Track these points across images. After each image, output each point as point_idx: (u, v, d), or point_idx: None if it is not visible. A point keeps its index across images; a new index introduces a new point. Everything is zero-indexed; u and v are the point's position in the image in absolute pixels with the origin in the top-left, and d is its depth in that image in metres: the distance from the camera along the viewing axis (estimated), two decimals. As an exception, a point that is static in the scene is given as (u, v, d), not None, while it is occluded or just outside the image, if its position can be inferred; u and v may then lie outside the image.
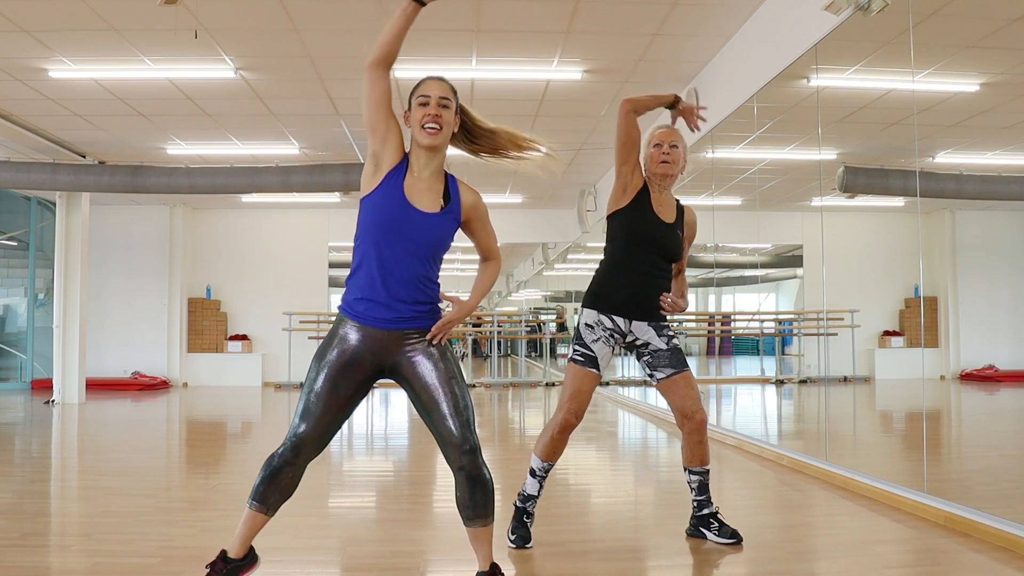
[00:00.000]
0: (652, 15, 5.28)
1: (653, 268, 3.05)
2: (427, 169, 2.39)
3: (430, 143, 2.36)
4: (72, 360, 9.41)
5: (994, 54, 4.27)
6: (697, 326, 10.77)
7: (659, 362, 3.06)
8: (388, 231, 2.31)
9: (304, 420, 2.31)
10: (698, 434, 3.05)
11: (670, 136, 3.13)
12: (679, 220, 3.14)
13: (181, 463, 5.42)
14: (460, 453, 2.33)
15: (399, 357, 2.36)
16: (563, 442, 3.09)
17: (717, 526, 3.08)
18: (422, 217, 2.33)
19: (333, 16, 5.21)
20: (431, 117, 2.36)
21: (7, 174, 8.27)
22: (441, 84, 2.44)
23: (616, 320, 3.05)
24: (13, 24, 5.28)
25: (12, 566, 2.78)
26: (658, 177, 3.11)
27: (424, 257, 2.35)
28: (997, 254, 5.71)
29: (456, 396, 2.34)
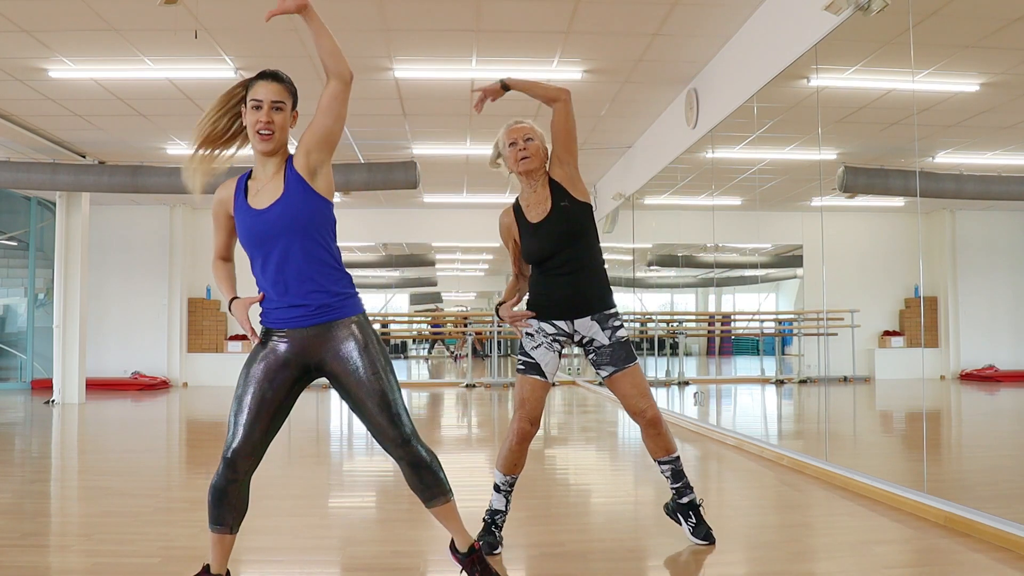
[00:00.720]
0: (652, 15, 5.28)
1: (561, 266, 2.96)
2: (267, 167, 2.39)
3: (263, 149, 2.35)
4: (72, 360, 9.41)
5: (994, 54, 4.27)
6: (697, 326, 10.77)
7: (602, 359, 2.98)
8: (254, 242, 2.33)
9: (235, 435, 2.31)
10: (654, 428, 2.98)
11: (522, 131, 3.02)
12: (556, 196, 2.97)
13: (181, 463, 5.42)
14: (395, 446, 2.34)
15: (323, 354, 2.34)
16: (522, 453, 3.00)
17: (694, 522, 3.05)
18: (266, 213, 2.32)
19: (333, 16, 5.21)
20: (263, 124, 2.33)
21: (7, 174, 8.27)
22: (275, 86, 2.36)
23: (557, 324, 2.99)
24: (13, 24, 5.27)
25: (12, 566, 2.78)
26: (523, 175, 3.02)
27: (299, 244, 2.31)
28: (997, 254, 5.70)
29: (380, 391, 2.31)
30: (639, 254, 9.87)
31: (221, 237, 2.49)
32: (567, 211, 2.96)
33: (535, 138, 3.02)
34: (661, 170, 7.80)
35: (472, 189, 11.21)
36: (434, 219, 12.80)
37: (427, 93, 6.85)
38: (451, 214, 12.77)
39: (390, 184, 8.35)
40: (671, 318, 10.39)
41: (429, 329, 18.05)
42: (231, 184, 2.44)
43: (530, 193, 3.04)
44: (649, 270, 10.28)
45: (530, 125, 3.06)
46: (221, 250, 2.51)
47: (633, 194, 9.01)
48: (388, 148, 8.85)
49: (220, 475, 2.31)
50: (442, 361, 21.57)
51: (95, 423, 7.61)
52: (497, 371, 12.78)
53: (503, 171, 3.14)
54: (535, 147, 3.01)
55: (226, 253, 2.52)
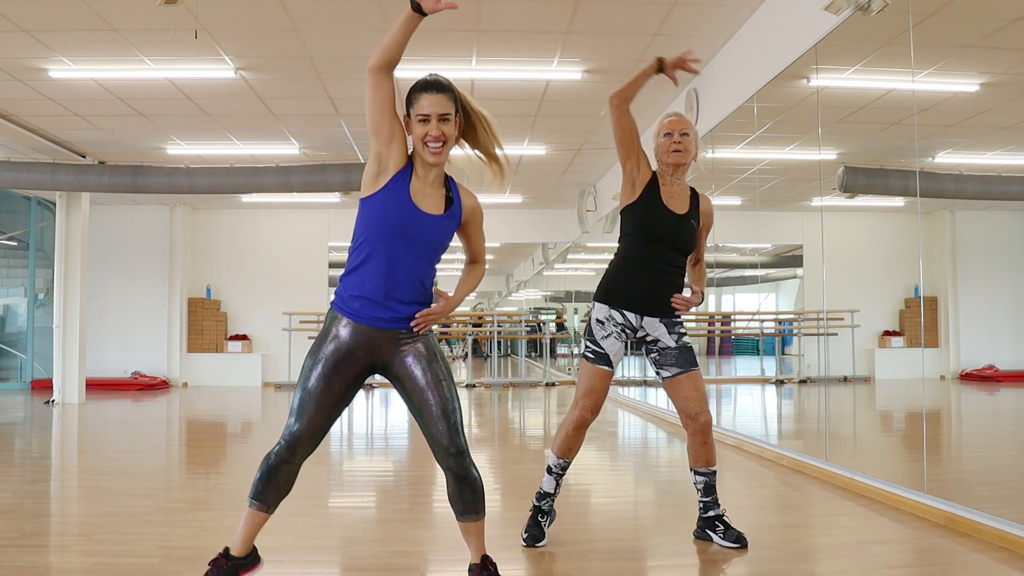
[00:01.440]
0: (652, 15, 5.28)
1: (665, 263, 3.02)
2: (430, 174, 2.41)
3: (435, 161, 2.37)
4: (72, 360, 9.41)
5: (994, 54, 4.27)
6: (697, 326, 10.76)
7: (666, 360, 3.04)
8: (396, 234, 2.33)
9: (299, 418, 2.34)
10: (702, 435, 3.04)
11: (680, 124, 3.09)
12: (693, 210, 3.09)
13: (181, 463, 5.42)
14: (447, 455, 2.37)
15: (392, 356, 2.38)
16: (579, 439, 3.08)
17: (723, 529, 3.07)
18: (428, 219, 2.36)
19: (333, 16, 5.21)
20: (433, 137, 2.34)
21: (7, 174, 8.27)
22: (439, 99, 2.36)
23: (627, 315, 3.03)
24: (13, 24, 5.28)
25: (12, 566, 2.78)
26: (670, 167, 3.08)
27: (426, 258, 2.38)
28: (997, 254, 5.71)
29: (445, 399, 2.36)
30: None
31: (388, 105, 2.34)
32: (695, 226, 3.09)
33: (691, 134, 3.10)
34: (661, 170, 7.79)
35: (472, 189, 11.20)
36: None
37: (427, 93, 6.83)
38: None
39: (390, 184, 8.33)
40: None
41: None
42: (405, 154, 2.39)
43: (669, 183, 3.10)
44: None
45: (689, 120, 3.13)
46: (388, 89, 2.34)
47: (633, 194, 8.99)
48: (388, 148, 8.83)
49: (277, 455, 2.36)
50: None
51: (95, 423, 7.61)
52: (497, 371, 12.78)
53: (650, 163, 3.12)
54: (689, 142, 3.08)
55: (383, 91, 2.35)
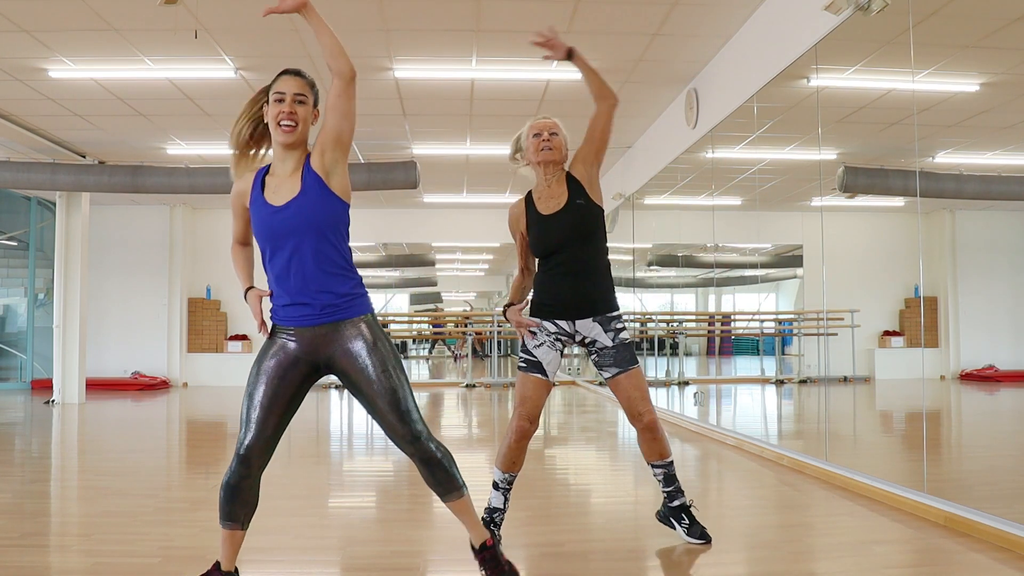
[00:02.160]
0: (652, 15, 5.27)
1: (569, 263, 2.98)
2: (287, 163, 2.40)
3: (285, 140, 2.37)
4: (72, 360, 9.41)
5: (994, 54, 4.27)
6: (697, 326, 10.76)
7: (605, 360, 2.99)
8: (267, 238, 2.36)
9: (248, 430, 2.34)
10: (650, 432, 3.01)
11: (549, 125, 3.08)
12: (573, 191, 3.00)
13: (181, 463, 5.42)
14: (405, 443, 2.37)
15: (332, 351, 2.37)
16: (521, 451, 3.02)
17: (688, 523, 3.06)
18: (283, 210, 2.33)
19: (333, 16, 5.19)
20: (286, 114, 2.36)
21: (7, 174, 8.27)
22: (297, 80, 2.41)
23: (559, 324, 3.00)
24: (13, 24, 5.28)
25: (12, 566, 2.78)
26: (541, 165, 3.04)
27: (312, 242, 2.33)
28: (997, 254, 5.70)
29: (390, 388, 2.34)
30: (639, 254, 9.86)
31: (239, 225, 2.56)
32: (581, 208, 2.98)
33: (559, 134, 3.09)
34: (661, 170, 7.80)
35: (472, 189, 11.21)
36: (434, 219, 12.80)
37: (427, 93, 6.85)
38: (451, 214, 12.76)
39: (390, 184, 8.35)
40: (671, 318, 10.39)
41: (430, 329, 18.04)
42: (249, 177, 2.47)
43: (544, 187, 3.07)
44: (649, 270, 10.28)
45: (555, 121, 3.12)
46: (239, 236, 2.59)
47: (633, 194, 9.01)
48: (388, 148, 8.85)
49: (233, 472, 2.35)
50: (442, 361, 21.58)
51: (95, 423, 7.61)
52: (497, 371, 12.78)
53: (519, 166, 3.16)
54: (558, 141, 3.07)
55: (244, 239, 2.60)
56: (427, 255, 16.00)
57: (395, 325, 17.16)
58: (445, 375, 15.87)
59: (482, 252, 17.55)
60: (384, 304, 19.73)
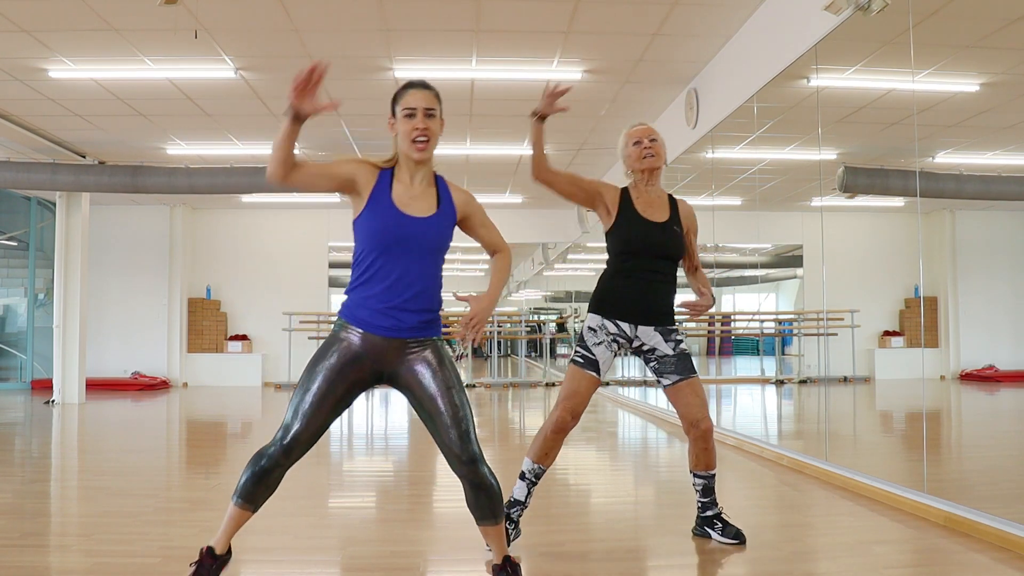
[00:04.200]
0: (652, 15, 5.27)
1: (654, 272, 3.03)
2: (417, 176, 2.42)
3: (420, 157, 2.38)
4: (72, 360, 9.41)
5: (994, 54, 4.27)
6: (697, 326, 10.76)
7: (665, 368, 3.04)
8: (388, 244, 2.33)
9: (298, 420, 2.32)
10: (703, 441, 3.04)
11: (648, 131, 3.12)
12: (674, 215, 3.10)
13: (181, 463, 5.42)
14: (460, 463, 2.37)
15: (399, 366, 2.38)
16: (557, 444, 3.06)
17: (721, 526, 3.09)
18: (418, 223, 2.35)
19: (333, 16, 5.21)
20: (419, 131, 2.36)
21: (7, 174, 8.27)
22: (425, 93, 2.41)
23: (621, 325, 3.03)
24: (13, 24, 5.28)
25: (12, 566, 2.78)
26: (644, 174, 3.08)
27: (426, 263, 2.37)
28: (997, 254, 5.71)
29: (455, 406, 2.35)
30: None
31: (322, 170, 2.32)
32: (679, 234, 3.08)
33: (658, 139, 3.12)
34: (661, 170, 7.79)
35: (472, 189, 11.11)
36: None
37: (427, 93, 6.83)
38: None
39: (390, 184, 8.33)
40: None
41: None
42: (374, 169, 2.41)
43: (644, 192, 3.10)
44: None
45: (653, 128, 3.15)
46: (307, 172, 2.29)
47: (633, 194, 8.99)
48: (388, 148, 8.81)
49: (272, 458, 2.33)
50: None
51: (95, 423, 7.61)
52: (497, 371, 12.78)
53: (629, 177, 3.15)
54: (658, 147, 3.10)
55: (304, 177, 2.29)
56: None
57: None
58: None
59: (482, 252, 17.51)
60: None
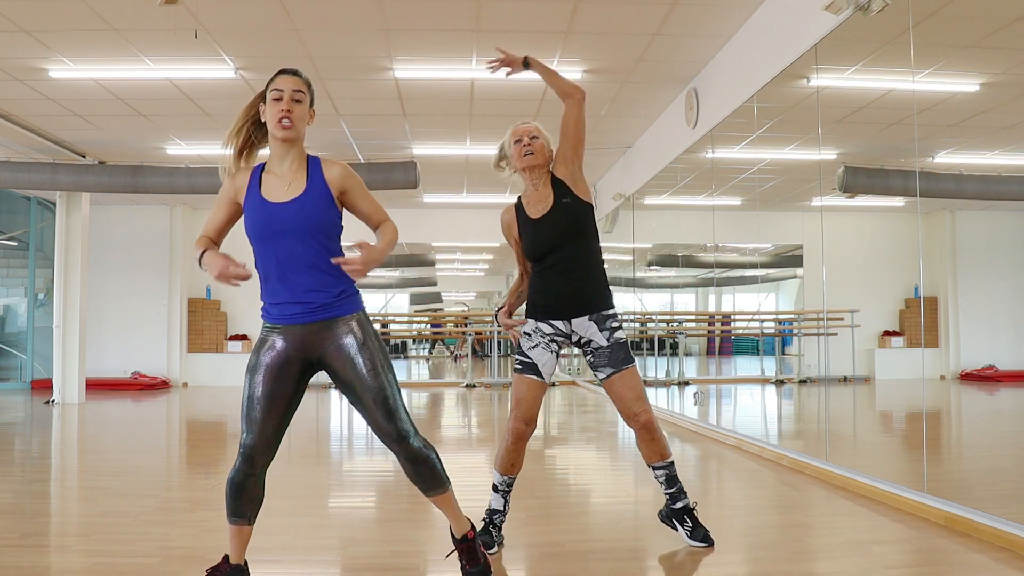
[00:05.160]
0: (652, 15, 5.28)
1: (559, 264, 2.98)
2: (285, 162, 2.43)
3: (284, 136, 2.40)
4: (72, 360, 9.41)
5: (994, 54, 4.27)
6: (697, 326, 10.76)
7: (599, 361, 2.99)
8: (262, 235, 2.37)
9: (249, 430, 2.36)
10: (647, 433, 3.00)
11: (528, 130, 3.12)
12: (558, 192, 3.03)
13: (181, 463, 5.42)
14: (391, 441, 2.41)
15: (323, 348, 2.39)
16: (519, 453, 3.03)
17: (691, 526, 3.04)
18: (286, 208, 2.36)
19: (333, 16, 5.21)
20: (284, 112, 2.39)
21: (7, 174, 8.27)
22: (294, 79, 2.45)
23: (555, 324, 3.01)
24: (13, 24, 5.28)
25: (12, 566, 2.78)
26: (526, 171, 3.06)
27: (305, 245, 2.35)
28: (997, 254, 5.70)
29: (378, 387, 2.37)
30: (639, 254, 9.87)
31: (218, 218, 2.49)
32: (568, 207, 3.00)
33: (540, 137, 3.11)
34: (661, 170, 7.80)
35: (472, 189, 11.21)
36: (434, 219, 12.81)
37: (427, 93, 6.84)
38: (451, 214, 12.77)
39: (390, 184, 8.35)
40: (671, 318, 10.39)
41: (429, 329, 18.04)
42: (245, 172, 2.48)
43: (532, 191, 3.09)
44: (649, 270, 10.28)
45: (536, 125, 3.15)
46: (212, 231, 2.47)
47: (633, 194, 9.01)
48: (388, 148, 8.85)
49: (237, 470, 2.37)
50: (442, 361, 21.58)
51: (95, 423, 7.61)
52: (497, 371, 12.78)
53: (505, 173, 3.19)
54: (539, 145, 3.09)
55: (216, 235, 2.49)
56: (427, 255, 16.00)
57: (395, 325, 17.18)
58: (445, 375, 15.87)
59: (482, 252, 17.54)
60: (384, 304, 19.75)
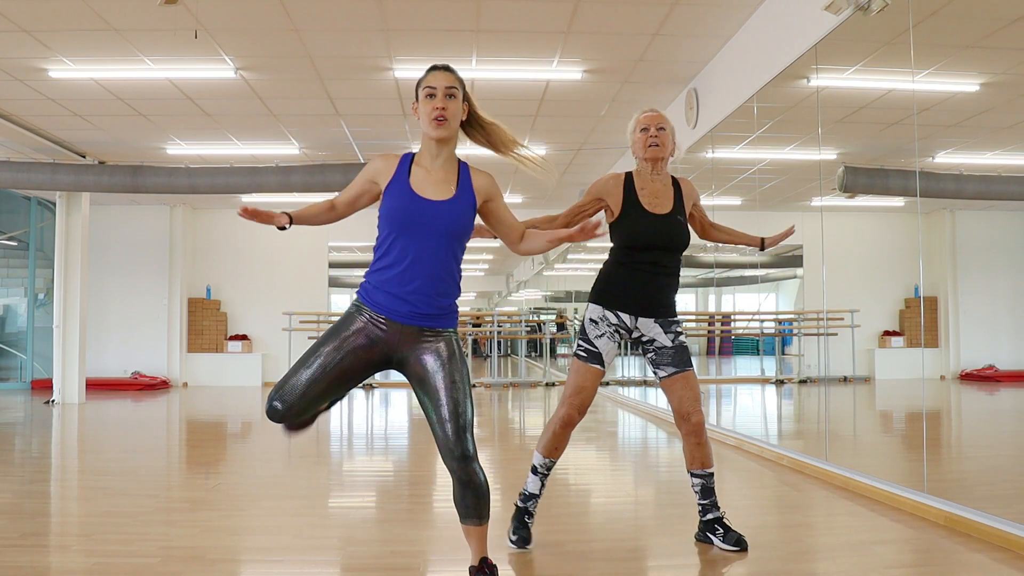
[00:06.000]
0: (652, 15, 5.27)
1: (657, 265, 3.02)
2: (438, 160, 2.43)
3: (438, 135, 2.39)
4: (72, 360, 9.41)
5: (994, 54, 4.27)
6: (697, 326, 10.76)
7: (662, 360, 3.03)
8: (404, 224, 2.34)
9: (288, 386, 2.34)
10: (695, 436, 3.01)
11: (656, 119, 3.06)
12: (678, 203, 3.07)
13: (181, 463, 5.42)
14: (452, 458, 2.34)
15: (409, 352, 2.38)
16: (565, 438, 3.07)
17: (722, 532, 3.05)
18: (434, 206, 2.35)
19: (333, 16, 5.21)
20: (439, 110, 2.37)
21: (7, 174, 8.27)
22: (447, 75, 2.44)
23: (622, 316, 3.03)
24: (13, 24, 5.27)
25: (12, 566, 2.78)
26: (648, 163, 3.06)
27: (443, 247, 2.37)
28: (997, 254, 5.71)
29: (456, 401, 2.34)
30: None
31: (349, 193, 2.47)
32: (682, 224, 3.07)
33: (667, 128, 3.07)
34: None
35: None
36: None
37: (427, 93, 6.83)
38: (451, 214, 12.74)
39: (390, 184, 8.33)
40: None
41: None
42: (394, 158, 2.45)
43: (650, 181, 3.07)
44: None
45: (663, 115, 3.11)
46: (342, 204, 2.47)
47: (633, 194, 8.99)
48: (388, 148, 8.85)
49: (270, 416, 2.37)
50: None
51: (95, 423, 7.61)
52: (497, 371, 12.78)
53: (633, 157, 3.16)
54: (665, 137, 3.06)
55: (345, 208, 2.48)
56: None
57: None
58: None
59: (482, 252, 17.54)
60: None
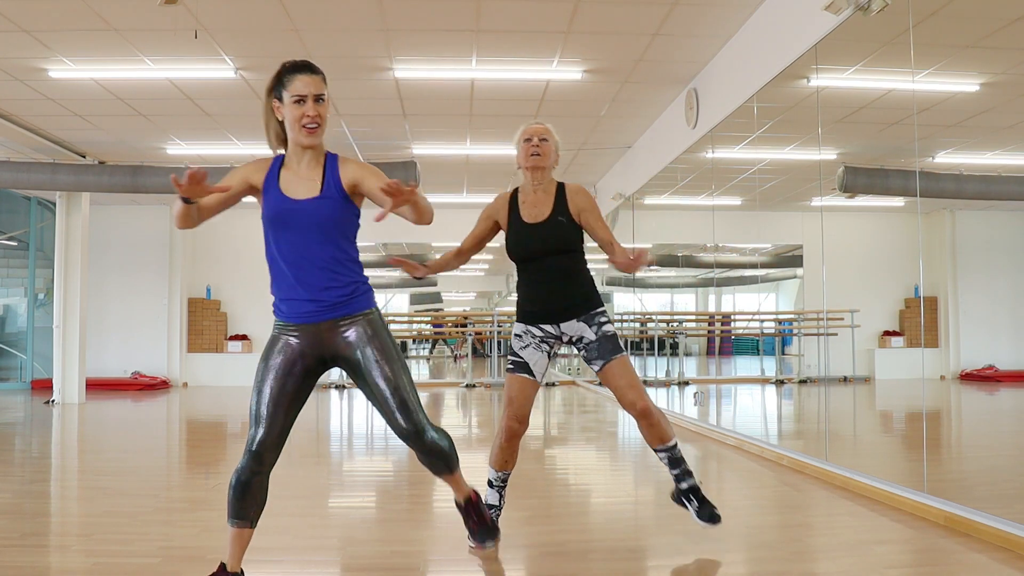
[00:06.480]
0: (652, 15, 5.27)
1: (547, 271, 3.03)
2: (304, 159, 2.41)
3: (311, 143, 2.38)
4: (72, 360, 9.41)
5: (994, 54, 4.27)
6: (697, 326, 10.77)
7: (591, 354, 3.03)
8: (279, 228, 2.36)
9: (259, 425, 2.35)
10: (645, 420, 3.00)
11: (539, 130, 3.10)
12: (559, 206, 3.05)
13: (181, 463, 5.42)
14: (405, 436, 2.43)
15: (335, 345, 2.41)
16: (512, 450, 3.07)
17: (697, 505, 3.05)
18: (303, 204, 2.36)
19: (333, 16, 5.21)
20: (310, 118, 2.35)
21: (7, 174, 8.27)
22: (315, 79, 2.36)
23: (544, 328, 3.05)
24: (13, 24, 5.27)
25: (12, 566, 2.78)
26: (529, 171, 3.07)
27: (326, 242, 2.37)
28: (997, 254, 5.71)
29: (387, 377, 2.38)
30: (639, 254, 9.85)
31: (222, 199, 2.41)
32: (561, 226, 3.03)
33: (549, 140, 3.10)
34: (661, 170, 7.80)
35: (472, 189, 11.20)
36: (434, 219, 12.79)
37: (427, 93, 6.85)
38: (451, 214, 12.70)
39: (390, 184, 8.34)
40: (671, 318, 10.39)
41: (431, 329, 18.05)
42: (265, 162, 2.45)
43: (531, 192, 3.10)
44: (649, 270, 10.28)
45: (547, 127, 3.13)
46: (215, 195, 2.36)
47: (633, 194, 9.01)
48: (388, 148, 8.85)
49: (244, 468, 2.35)
50: (442, 361, 21.58)
51: (95, 423, 7.61)
52: (497, 371, 12.77)
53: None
54: (547, 147, 3.08)
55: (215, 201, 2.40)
56: (427, 255, 16.01)
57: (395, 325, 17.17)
58: (445, 375, 15.87)
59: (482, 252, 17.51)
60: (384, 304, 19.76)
